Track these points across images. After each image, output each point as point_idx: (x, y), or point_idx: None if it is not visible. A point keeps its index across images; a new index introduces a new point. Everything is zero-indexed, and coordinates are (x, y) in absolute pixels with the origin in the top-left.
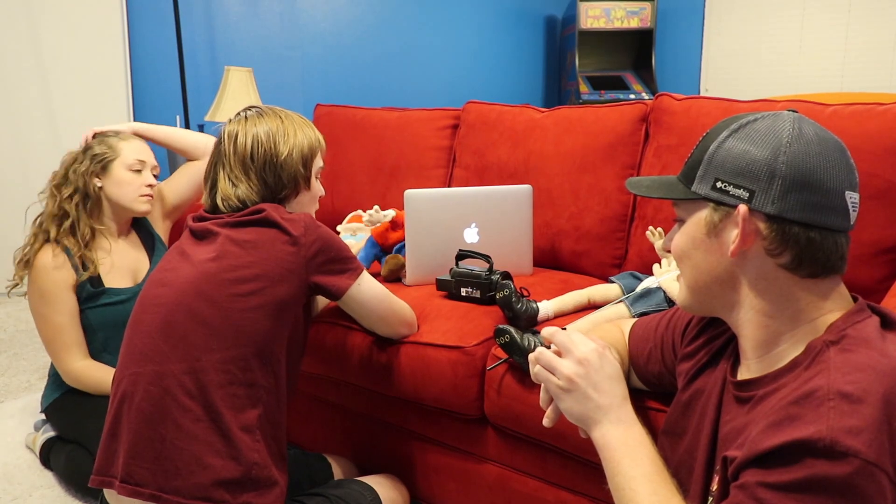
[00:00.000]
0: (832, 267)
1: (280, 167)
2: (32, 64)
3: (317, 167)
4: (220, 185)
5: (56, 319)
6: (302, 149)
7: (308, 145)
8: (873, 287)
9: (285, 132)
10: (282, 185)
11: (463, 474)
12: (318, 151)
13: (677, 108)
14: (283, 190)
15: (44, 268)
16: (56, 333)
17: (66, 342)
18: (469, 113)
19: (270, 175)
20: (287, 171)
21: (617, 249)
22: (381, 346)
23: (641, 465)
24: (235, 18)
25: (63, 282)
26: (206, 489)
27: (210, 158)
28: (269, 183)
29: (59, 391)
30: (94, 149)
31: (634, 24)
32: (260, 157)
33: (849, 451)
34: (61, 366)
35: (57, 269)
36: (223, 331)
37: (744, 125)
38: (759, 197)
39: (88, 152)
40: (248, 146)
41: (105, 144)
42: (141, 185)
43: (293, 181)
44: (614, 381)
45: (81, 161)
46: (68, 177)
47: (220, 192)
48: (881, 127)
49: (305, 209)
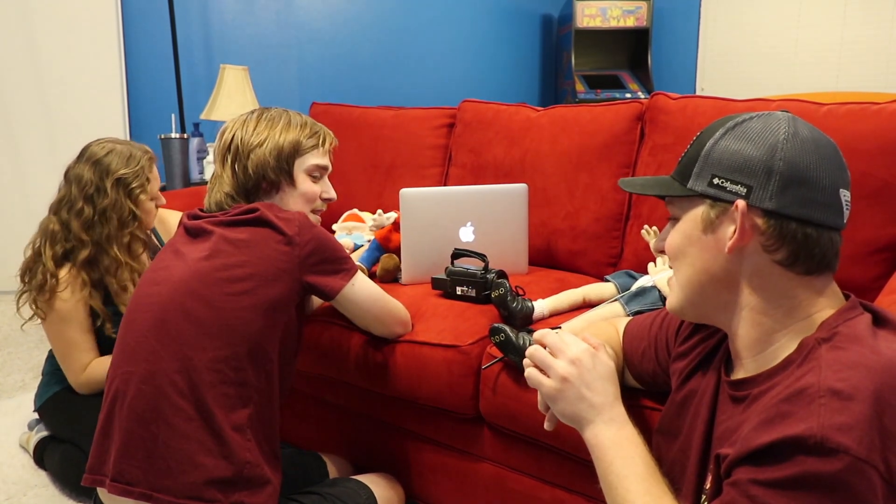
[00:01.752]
0: (827, 264)
1: (246, 157)
2: (27, 62)
3: (305, 165)
4: (211, 182)
5: (71, 336)
6: (278, 143)
7: (290, 141)
8: (868, 286)
9: (264, 126)
10: (248, 177)
11: (458, 473)
12: (308, 150)
13: (673, 108)
14: (250, 181)
15: (64, 294)
16: (69, 348)
17: (79, 356)
18: (465, 112)
19: (240, 167)
20: (254, 162)
21: (612, 248)
22: (376, 346)
23: (634, 465)
24: (231, 16)
25: (82, 301)
26: (197, 488)
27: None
28: (238, 174)
29: (53, 390)
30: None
31: (630, 24)
32: (233, 149)
33: (839, 448)
34: (74, 378)
35: (77, 295)
36: (215, 330)
37: (739, 124)
38: (757, 192)
39: (121, 181)
40: (228, 139)
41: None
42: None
43: (261, 174)
44: (606, 381)
45: (118, 203)
46: (107, 217)
47: (209, 189)
48: (876, 126)
49: (293, 208)
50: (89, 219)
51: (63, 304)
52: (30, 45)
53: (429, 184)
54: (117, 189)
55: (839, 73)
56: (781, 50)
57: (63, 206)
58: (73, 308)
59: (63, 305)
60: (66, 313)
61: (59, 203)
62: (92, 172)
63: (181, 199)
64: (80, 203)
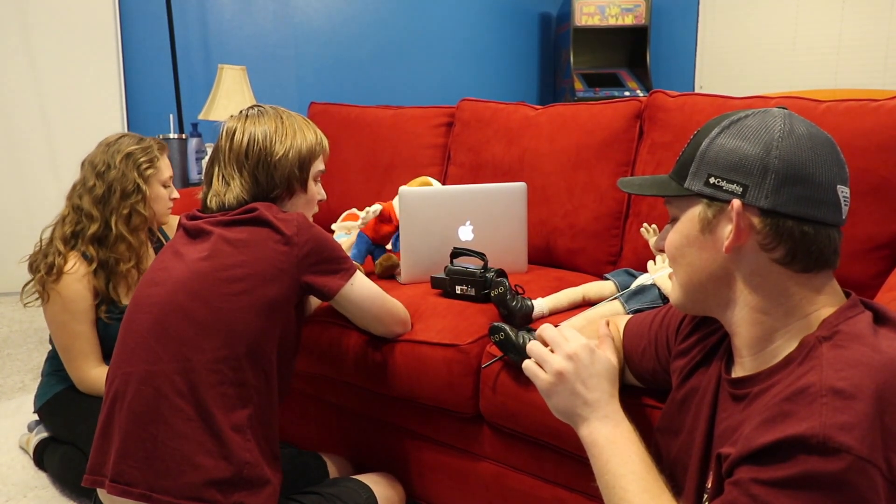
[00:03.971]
0: (825, 261)
1: (273, 166)
2: (25, 63)
3: (315, 170)
4: (213, 182)
5: (76, 328)
6: (300, 150)
7: (307, 148)
8: (867, 283)
9: (284, 132)
10: (273, 185)
11: (459, 472)
12: (319, 155)
13: (671, 105)
14: (275, 190)
15: (73, 277)
16: (74, 341)
17: (83, 349)
18: (463, 111)
19: (263, 174)
20: (280, 171)
21: (612, 247)
22: (376, 345)
23: (631, 463)
24: (229, 16)
25: (88, 290)
26: (197, 489)
27: (209, 157)
28: (261, 181)
29: (53, 391)
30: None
31: (629, 22)
32: (254, 155)
33: (841, 448)
34: (77, 373)
35: (83, 276)
36: (214, 330)
37: (735, 122)
38: (752, 191)
39: (130, 155)
40: (244, 143)
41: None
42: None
43: (286, 182)
44: (603, 379)
45: (125, 174)
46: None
47: (212, 189)
48: (874, 123)
49: (300, 211)
50: (100, 195)
51: (68, 287)
52: (27, 46)
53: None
54: (126, 162)
55: (837, 70)
56: (780, 47)
57: (76, 190)
58: (78, 292)
59: (68, 289)
60: (71, 297)
61: (72, 189)
62: (105, 153)
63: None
64: (92, 181)
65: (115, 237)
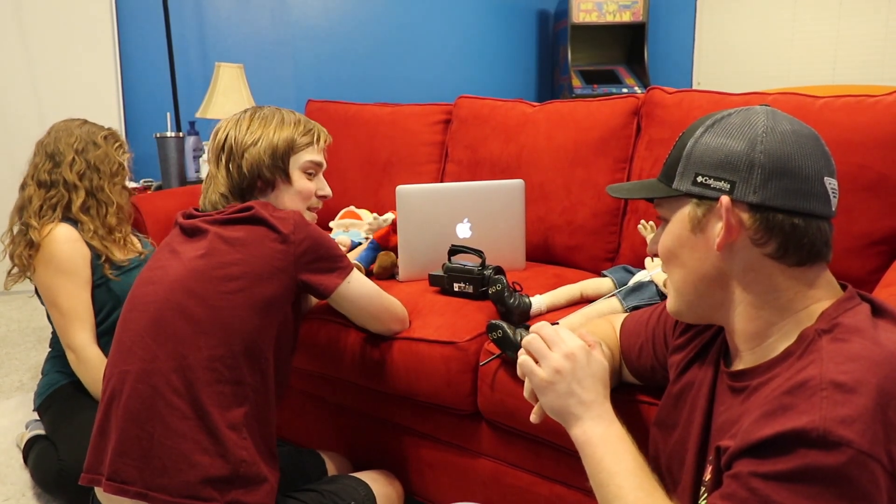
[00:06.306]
0: (818, 253)
1: (241, 156)
2: (22, 61)
3: (300, 162)
4: (206, 182)
5: (72, 289)
6: (272, 141)
7: (283, 139)
8: (865, 278)
9: (260, 125)
10: (243, 176)
11: (457, 469)
12: (303, 147)
13: (669, 102)
14: (245, 181)
15: (59, 240)
16: (71, 302)
17: (80, 313)
18: (461, 108)
19: (234, 166)
20: (248, 161)
21: (609, 243)
22: (373, 343)
23: (624, 461)
24: (226, 14)
25: (80, 252)
26: (193, 487)
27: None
28: (233, 174)
29: (51, 389)
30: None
31: (627, 18)
32: (227, 148)
33: (842, 441)
34: (71, 339)
35: (74, 241)
36: (211, 329)
37: (718, 121)
38: (740, 187)
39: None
40: (221, 139)
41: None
42: None
43: (255, 172)
44: (597, 380)
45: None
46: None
47: (204, 189)
48: (872, 119)
49: (289, 205)
50: (82, 169)
51: (57, 248)
52: (24, 45)
53: (425, 180)
54: (108, 142)
55: (835, 66)
56: (777, 43)
57: (41, 169)
58: (66, 252)
59: (57, 249)
60: (62, 258)
61: (34, 168)
62: (80, 129)
63: (177, 198)
64: (70, 155)
65: (105, 206)
